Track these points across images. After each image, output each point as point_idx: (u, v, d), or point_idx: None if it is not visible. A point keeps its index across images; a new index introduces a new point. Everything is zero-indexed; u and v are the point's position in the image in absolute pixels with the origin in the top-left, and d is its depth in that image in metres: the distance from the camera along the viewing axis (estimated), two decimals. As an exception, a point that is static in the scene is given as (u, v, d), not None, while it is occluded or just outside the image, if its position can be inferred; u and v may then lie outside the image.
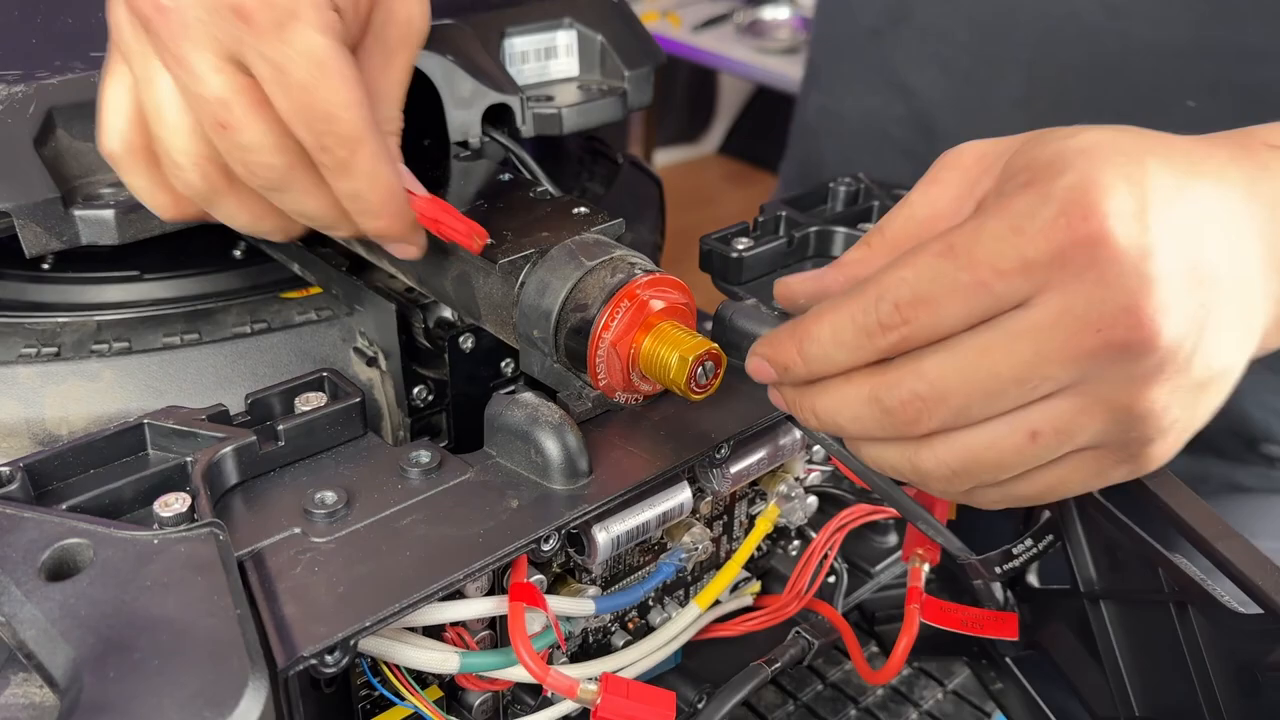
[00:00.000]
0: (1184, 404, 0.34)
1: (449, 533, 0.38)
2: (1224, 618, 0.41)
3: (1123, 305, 0.32)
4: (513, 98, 0.59)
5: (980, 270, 0.33)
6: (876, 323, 0.35)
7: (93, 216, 0.46)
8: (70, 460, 0.38)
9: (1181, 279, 0.33)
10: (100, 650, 0.31)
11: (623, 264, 0.44)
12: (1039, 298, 0.33)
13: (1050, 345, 0.33)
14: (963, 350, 0.34)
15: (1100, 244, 0.32)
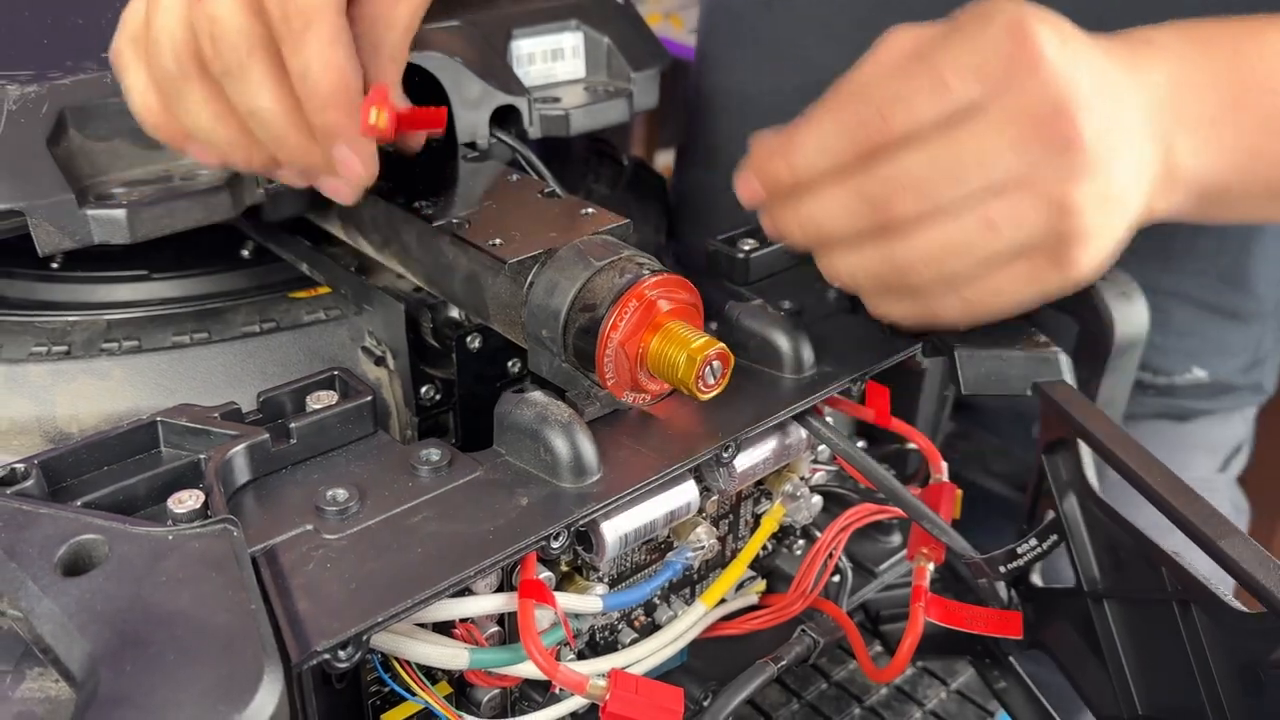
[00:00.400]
0: (1099, 212, 0.41)
1: (459, 530, 0.38)
2: (1227, 616, 0.41)
3: (1057, 105, 0.39)
4: (520, 99, 0.59)
5: (945, 72, 0.40)
6: (859, 122, 0.41)
7: (105, 216, 0.46)
8: (84, 457, 0.39)
9: (1096, 96, 0.40)
10: (116, 645, 0.31)
11: (631, 264, 0.44)
12: (992, 100, 0.40)
13: (1002, 135, 0.40)
14: (933, 142, 0.40)
15: (1037, 58, 0.40)
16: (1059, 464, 0.50)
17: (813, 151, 0.42)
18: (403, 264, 0.52)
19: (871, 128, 0.41)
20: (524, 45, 0.63)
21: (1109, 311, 0.55)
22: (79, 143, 0.48)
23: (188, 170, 0.50)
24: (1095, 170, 0.40)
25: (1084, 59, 0.41)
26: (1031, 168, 0.40)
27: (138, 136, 0.49)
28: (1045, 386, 0.49)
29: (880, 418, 0.51)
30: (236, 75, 0.42)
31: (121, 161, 0.49)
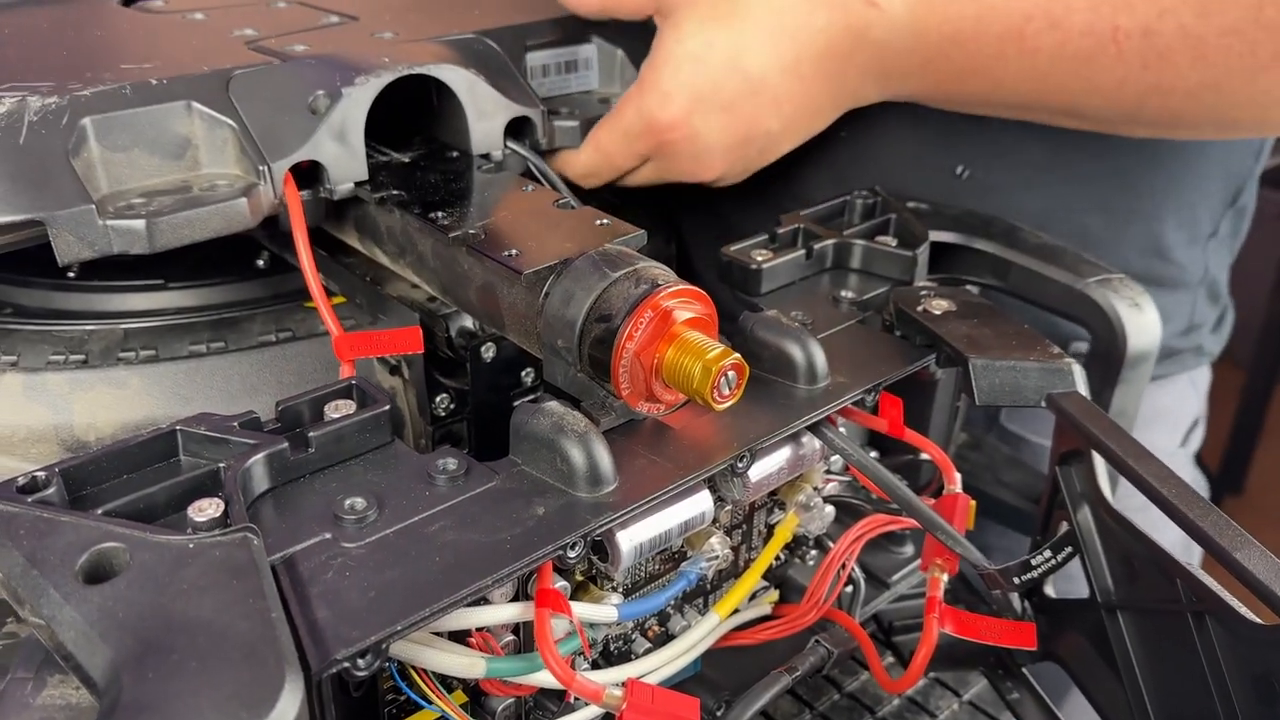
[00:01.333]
0: (741, 177, 0.65)
1: (477, 539, 0.38)
2: (1242, 628, 0.41)
3: (687, 171, 0.62)
4: (533, 111, 0.60)
5: (614, 158, 0.62)
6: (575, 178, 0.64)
7: (124, 226, 0.47)
8: (104, 466, 0.39)
9: (724, 149, 0.61)
10: (138, 652, 0.31)
11: (646, 275, 0.45)
12: (646, 165, 0.62)
13: (656, 180, 0.64)
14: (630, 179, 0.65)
15: (667, 144, 0.60)
16: (1073, 475, 0.50)
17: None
18: (418, 274, 0.53)
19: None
20: (538, 57, 0.64)
21: (1121, 323, 0.56)
22: (99, 153, 0.48)
23: (206, 181, 0.51)
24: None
25: (695, 98, 0.59)
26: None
27: (156, 147, 0.50)
28: (1059, 398, 0.49)
29: (894, 428, 0.51)
30: None
31: (140, 172, 0.50)
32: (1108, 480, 0.49)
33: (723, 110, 0.59)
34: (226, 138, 0.51)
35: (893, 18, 0.58)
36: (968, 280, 0.61)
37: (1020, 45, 0.57)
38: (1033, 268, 0.59)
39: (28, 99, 0.47)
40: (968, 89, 0.60)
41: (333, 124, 0.52)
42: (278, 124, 0.51)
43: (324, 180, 0.53)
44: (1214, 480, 2.26)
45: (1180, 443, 0.85)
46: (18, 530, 0.35)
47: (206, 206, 0.48)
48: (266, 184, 0.50)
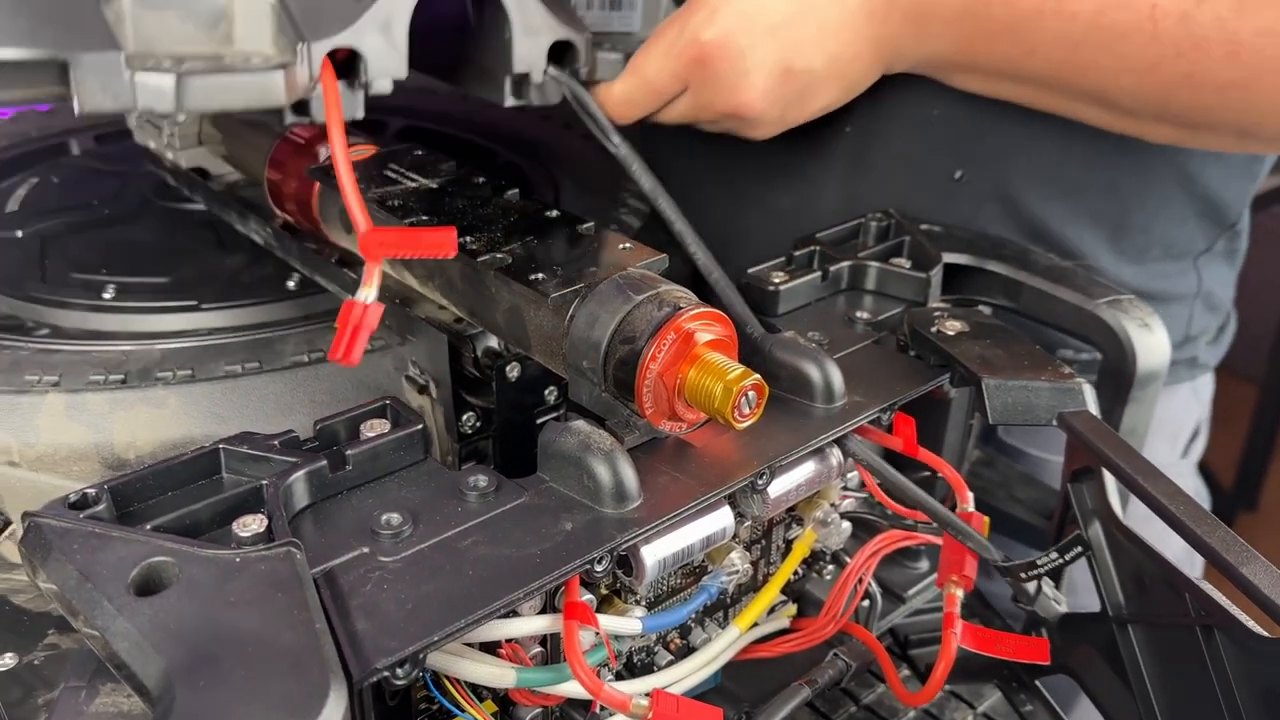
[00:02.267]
0: (779, 124, 0.64)
1: (508, 553, 0.40)
2: (1250, 642, 0.42)
3: (728, 97, 0.60)
4: (579, 36, 0.57)
5: (653, 82, 0.60)
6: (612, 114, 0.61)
7: (152, 81, 0.43)
8: (151, 483, 0.41)
9: (768, 76, 0.60)
10: (190, 662, 0.33)
11: (669, 298, 0.46)
12: (686, 93, 0.61)
13: (694, 113, 0.62)
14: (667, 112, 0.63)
15: (708, 63, 0.59)
16: (1084, 492, 0.51)
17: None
18: (446, 296, 0.54)
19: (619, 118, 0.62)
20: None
21: (1131, 343, 0.57)
22: (129, 6, 0.44)
23: (240, 56, 0.47)
24: (771, 120, 0.62)
25: (766, 41, 0.59)
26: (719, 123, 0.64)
27: (190, 11, 0.46)
28: (1070, 416, 0.50)
29: (908, 447, 0.52)
30: None
31: (170, 36, 0.46)
32: (1118, 497, 0.50)
33: (768, 33, 0.59)
34: (264, 11, 0.47)
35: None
36: (980, 301, 0.62)
37: (1058, 6, 0.57)
38: (1044, 289, 0.60)
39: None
40: (999, 50, 0.60)
41: (377, 12, 0.48)
42: (321, 5, 0.48)
43: (362, 72, 0.49)
44: (1227, 496, 2.26)
45: (1181, 453, 0.86)
46: (71, 545, 0.37)
47: (240, 74, 0.45)
48: (303, 64, 0.47)
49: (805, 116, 0.64)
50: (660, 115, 0.63)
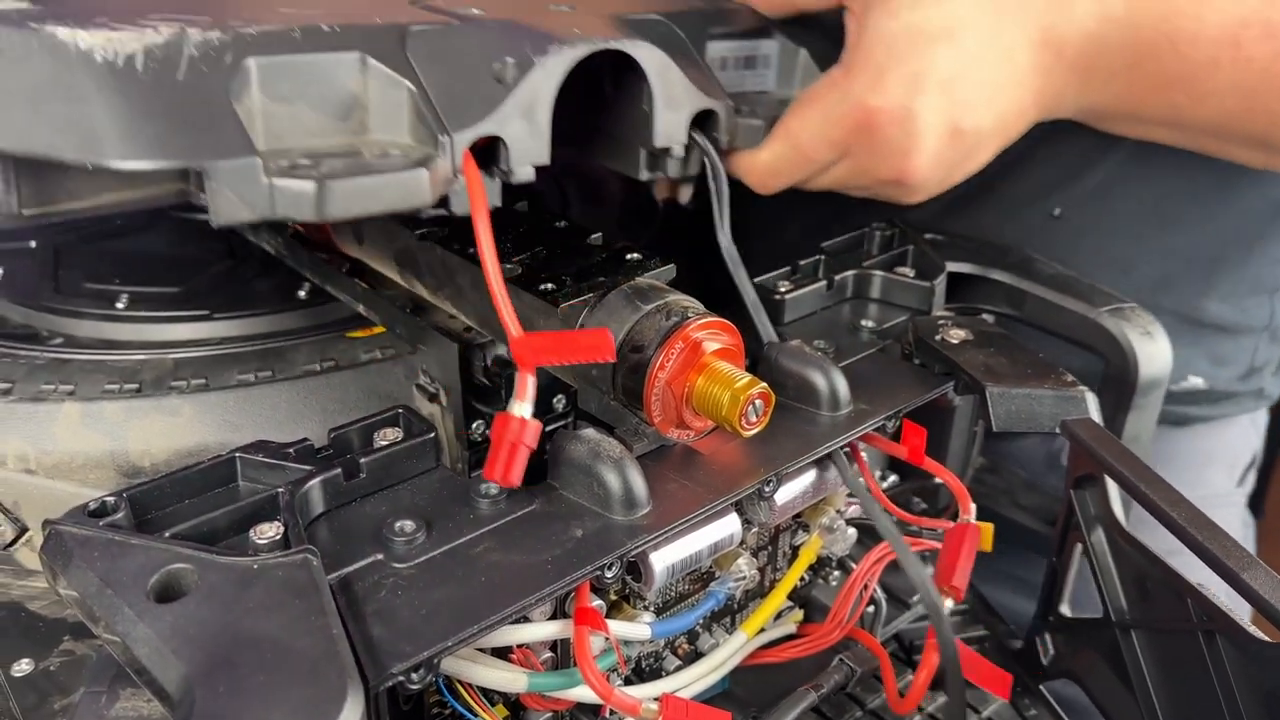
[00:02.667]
0: (939, 188, 0.58)
1: (519, 559, 0.40)
2: (1252, 647, 0.43)
3: (890, 165, 0.55)
4: (721, 104, 0.54)
5: (807, 150, 0.56)
6: (755, 184, 0.58)
7: (292, 188, 0.40)
8: (168, 491, 0.41)
9: (936, 140, 0.54)
10: (209, 667, 0.33)
11: (676, 308, 0.47)
12: (843, 160, 0.56)
13: (850, 180, 0.57)
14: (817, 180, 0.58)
15: (873, 130, 0.54)
16: (1087, 499, 0.52)
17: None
18: (456, 306, 0.55)
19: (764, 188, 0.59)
20: (719, 48, 0.58)
21: (1133, 350, 0.57)
22: (259, 102, 0.42)
23: (376, 148, 0.44)
24: (930, 187, 0.57)
25: (933, 104, 0.53)
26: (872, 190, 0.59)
27: (323, 102, 0.43)
28: (1072, 424, 0.51)
29: (914, 455, 0.53)
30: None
31: (302, 129, 0.43)
32: (1120, 504, 0.50)
33: (940, 91, 0.54)
34: (402, 101, 0.44)
35: (1110, 8, 0.54)
36: (984, 309, 0.63)
37: (1235, 53, 0.54)
38: (1047, 297, 0.61)
39: (188, 30, 0.40)
40: (1168, 100, 0.57)
41: (520, 97, 0.45)
42: (460, 91, 0.45)
43: (501, 160, 0.46)
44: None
45: (1237, 482, 0.85)
46: (91, 552, 0.37)
47: (383, 175, 0.41)
48: (445, 158, 0.43)
49: (964, 176, 0.58)
50: (808, 184, 0.59)
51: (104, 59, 0.39)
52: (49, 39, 0.38)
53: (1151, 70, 0.56)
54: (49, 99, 0.39)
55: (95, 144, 0.38)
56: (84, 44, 0.39)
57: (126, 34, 0.39)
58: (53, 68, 0.39)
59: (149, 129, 0.38)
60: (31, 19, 0.39)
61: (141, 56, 0.39)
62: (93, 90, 0.38)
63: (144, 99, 0.39)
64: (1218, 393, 0.78)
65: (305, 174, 0.40)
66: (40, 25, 0.39)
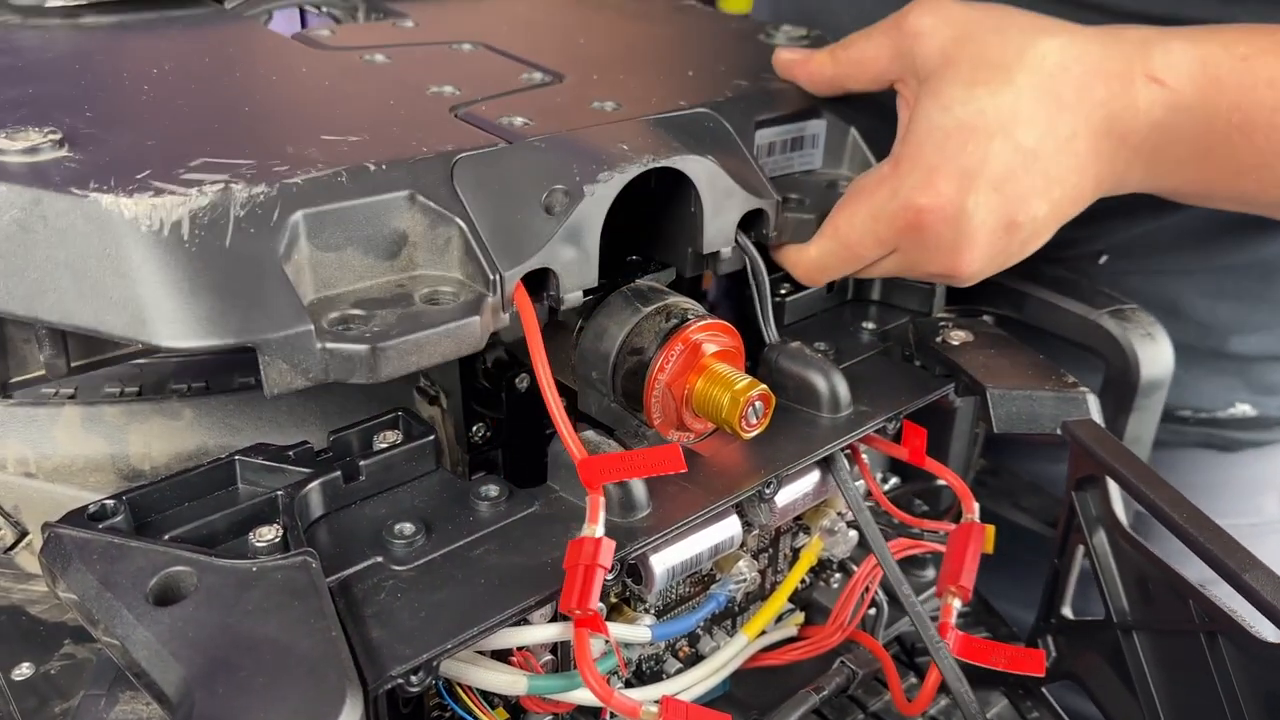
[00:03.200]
0: (991, 272, 0.55)
1: (519, 562, 0.40)
2: (1253, 647, 0.43)
3: (939, 264, 0.54)
4: (769, 203, 0.53)
5: (854, 248, 0.54)
6: (803, 278, 0.57)
7: (346, 351, 0.39)
8: (168, 494, 0.41)
9: (988, 237, 0.52)
10: (209, 669, 0.33)
11: (676, 310, 0.47)
12: (891, 256, 0.55)
13: (899, 272, 0.56)
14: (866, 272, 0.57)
15: (923, 230, 0.52)
16: (1088, 500, 0.52)
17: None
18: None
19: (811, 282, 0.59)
20: (767, 135, 0.57)
21: (1134, 352, 0.57)
22: (308, 254, 0.40)
23: (424, 285, 0.43)
24: (976, 276, 0.55)
25: (987, 200, 0.51)
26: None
27: (371, 245, 0.42)
28: (1073, 425, 0.51)
29: (915, 457, 0.53)
30: None
31: (350, 274, 0.42)
32: (1122, 505, 0.50)
33: (994, 189, 0.51)
34: (451, 237, 0.43)
35: (1179, 97, 0.51)
36: (985, 311, 0.63)
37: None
38: (1048, 299, 0.61)
39: (231, 187, 0.39)
40: (1239, 187, 0.54)
41: (571, 226, 0.44)
42: (510, 224, 0.44)
43: (551, 288, 0.45)
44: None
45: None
46: (91, 555, 0.37)
47: (436, 329, 0.40)
48: (495, 295, 0.42)
49: (1019, 260, 0.56)
50: (858, 275, 0.58)
51: (149, 229, 0.37)
52: (93, 209, 0.37)
53: (1223, 158, 0.52)
54: (95, 271, 0.37)
55: (144, 322, 0.37)
56: (128, 213, 0.37)
57: (171, 199, 0.38)
58: (99, 240, 0.37)
59: (198, 306, 0.37)
60: (73, 181, 0.38)
61: (188, 223, 0.38)
62: (139, 264, 0.37)
63: (192, 272, 0.38)
64: (1268, 419, 0.76)
65: (358, 335, 0.39)
66: (84, 193, 0.37)
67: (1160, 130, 0.52)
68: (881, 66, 0.56)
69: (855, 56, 0.57)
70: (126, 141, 0.42)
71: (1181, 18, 0.57)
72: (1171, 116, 0.51)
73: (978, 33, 0.53)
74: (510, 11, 0.70)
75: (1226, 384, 0.74)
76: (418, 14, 0.66)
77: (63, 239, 0.38)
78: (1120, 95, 0.51)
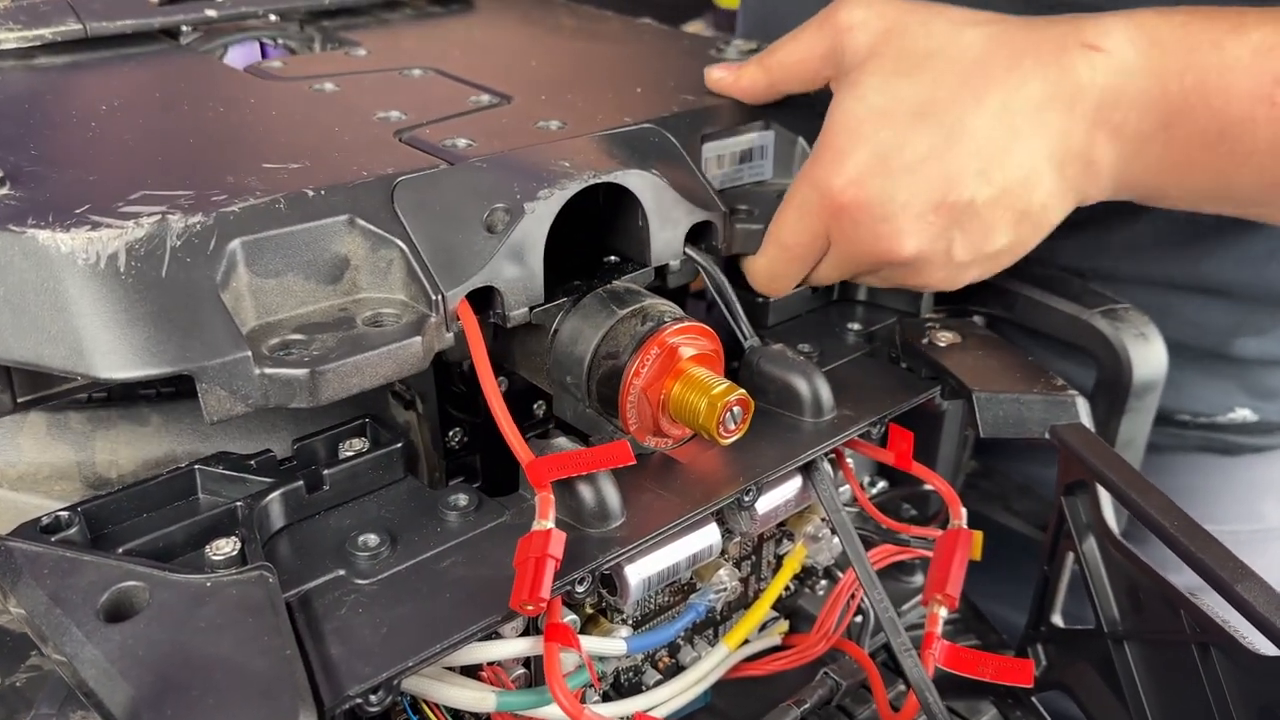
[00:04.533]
0: (951, 266, 0.52)
1: (487, 574, 0.39)
2: (1245, 659, 0.41)
3: (875, 246, 0.51)
4: (716, 215, 0.53)
5: (795, 252, 0.53)
6: (758, 287, 0.56)
7: (284, 376, 0.39)
8: (125, 504, 0.40)
9: (917, 216, 0.50)
10: (159, 689, 0.32)
11: (653, 312, 0.45)
12: (830, 251, 0.53)
13: (846, 268, 0.54)
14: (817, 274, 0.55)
15: (844, 212, 0.51)
16: (1078, 506, 0.50)
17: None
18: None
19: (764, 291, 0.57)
20: (714, 148, 0.57)
21: (1126, 353, 0.56)
22: (247, 281, 0.41)
23: (368, 308, 0.43)
24: (938, 262, 0.52)
25: (910, 177, 0.50)
26: (874, 272, 0.55)
27: (312, 270, 0.42)
28: (1062, 430, 0.49)
29: (901, 461, 0.51)
30: None
31: (292, 299, 0.42)
32: (1113, 511, 0.49)
33: (908, 170, 0.49)
34: (393, 259, 0.43)
35: (1122, 60, 0.49)
36: (975, 311, 0.62)
37: (1271, 110, 0.48)
38: (1038, 299, 0.59)
39: (168, 218, 0.39)
40: (1212, 165, 0.51)
41: (513, 244, 0.44)
42: (451, 243, 0.44)
43: (496, 305, 0.45)
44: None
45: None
46: (41, 570, 0.36)
47: (376, 350, 0.40)
48: (438, 315, 0.42)
49: (987, 252, 0.52)
50: (813, 278, 0.56)
51: (85, 262, 0.38)
52: (30, 244, 0.38)
53: (1188, 126, 0.50)
54: (34, 306, 0.38)
55: (82, 355, 0.38)
56: (65, 248, 0.38)
57: (108, 232, 0.38)
58: (36, 274, 0.38)
59: (135, 336, 0.38)
60: (12, 218, 0.38)
61: (124, 256, 0.38)
62: (76, 297, 0.38)
63: (128, 303, 0.38)
64: (1268, 424, 0.75)
65: (297, 359, 0.39)
66: (21, 229, 0.38)
67: (1113, 94, 0.49)
68: (813, 67, 0.55)
69: (785, 60, 0.56)
70: (69, 178, 0.42)
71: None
72: (1118, 80, 0.49)
73: (906, 26, 0.52)
74: (464, 36, 0.69)
75: (1225, 388, 0.73)
76: (371, 42, 0.65)
77: (2, 275, 0.38)
78: (1055, 64, 0.50)
